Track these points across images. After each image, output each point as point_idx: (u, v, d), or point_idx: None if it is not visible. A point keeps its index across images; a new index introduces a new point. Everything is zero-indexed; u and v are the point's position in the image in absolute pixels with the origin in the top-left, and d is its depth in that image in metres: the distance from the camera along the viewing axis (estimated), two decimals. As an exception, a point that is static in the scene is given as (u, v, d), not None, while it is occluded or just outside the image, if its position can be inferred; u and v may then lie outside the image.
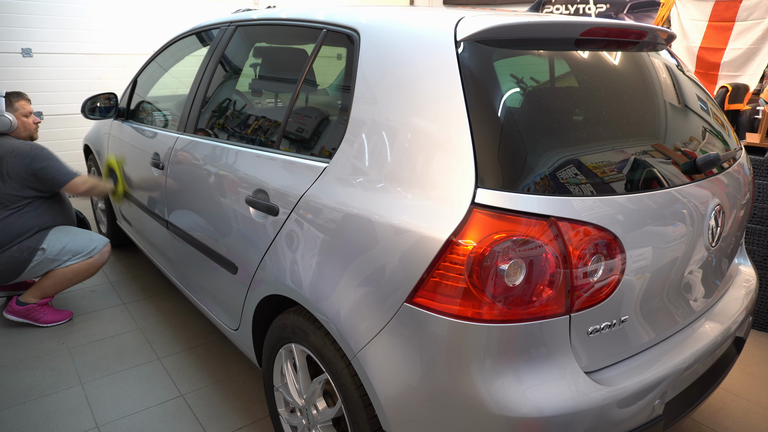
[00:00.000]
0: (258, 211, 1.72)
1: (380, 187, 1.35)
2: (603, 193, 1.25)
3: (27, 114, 2.71)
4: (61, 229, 2.75)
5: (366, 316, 1.32)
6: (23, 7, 4.86)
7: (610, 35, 1.54)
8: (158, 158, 2.43)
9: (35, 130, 2.79)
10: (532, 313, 1.16)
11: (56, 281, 2.70)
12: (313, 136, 1.68)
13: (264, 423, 2.09)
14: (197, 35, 2.57)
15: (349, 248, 1.37)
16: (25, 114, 2.70)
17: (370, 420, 1.39)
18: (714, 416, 2.17)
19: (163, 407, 2.18)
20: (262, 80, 2.28)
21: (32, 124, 2.75)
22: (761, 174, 2.80)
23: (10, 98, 2.66)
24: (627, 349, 1.35)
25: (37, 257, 2.62)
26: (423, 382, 1.23)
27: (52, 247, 2.64)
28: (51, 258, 2.64)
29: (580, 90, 1.47)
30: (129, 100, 3.08)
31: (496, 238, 1.14)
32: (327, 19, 1.71)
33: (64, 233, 2.72)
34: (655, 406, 1.34)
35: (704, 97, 1.82)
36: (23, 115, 2.69)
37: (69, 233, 2.74)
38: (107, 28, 5.30)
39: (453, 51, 1.30)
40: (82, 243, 2.72)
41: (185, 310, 2.98)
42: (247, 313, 1.85)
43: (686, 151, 1.53)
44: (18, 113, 2.67)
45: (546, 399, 1.17)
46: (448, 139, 1.24)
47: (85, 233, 2.78)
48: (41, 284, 2.72)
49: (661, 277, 1.36)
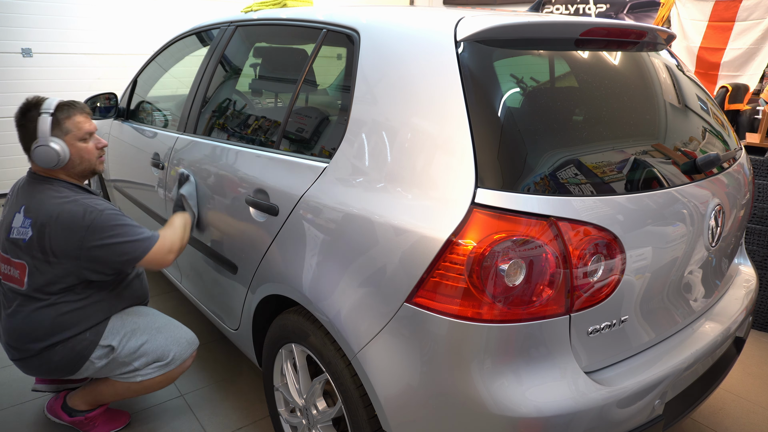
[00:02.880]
0: (258, 211, 1.72)
1: (380, 187, 1.35)
2: (603, 193, 1.25)
3: (85, 136, 1.77)
4: (140, 314, 1.92)
5: (366, 316, 1.32)
6: (23, 7, 4.86)
7: (610, 35, 1.54)
8: (158, 158, 2.43)
9: (99, 160, 1.85)
10: (532, 313, 1.16)
11: (118, 392, 1.91)
12: (313, 136, 1.68)
13: (264, 423, 2.09)
14: (197, 35, 2.57)
15: (349, 248, 1.37)
16: (82, 136, 1.76)
17: (370, 420, 1.39)
18: (714, 416, 2.17)
19: (163, 407, 2.18)
20: (262, 80, 2.28)
21: (93, 150, 1.81)
22: (761, 174, 2.80)
23: (58, 115, 1.71)
24: (627, 349, 1.35)
25: (101, 354, 1.80)
26: (423, 382, 1.23)
27: (124, 345, 1.81)
28: (120, 361, 1.82)
29: (580, 90, 1.47)
30: (129, 100, 3.08)
31: (496, 238, 1.14)
32: (327, 19, 1.71)
33: (143, 325, 1.88)
34: (655, 406, 1.34)
35: (704, 97, 1.82)
36: (79, 139, 1.76)
37: (149, 327, 1.88)
38: (107, 28, 5.30)
39: (453, 51, 1.30)
40: (165, 345, 1.87)
41: (185, 310, 2.98)
42: (248, 313, 1.85)
43: (686, 151, 1.53)
44: (71, 136, 1.74)
45: (546, 399, 1.17)
46: (448, 139, 1.24)
47: (170, 327, 1.93)
48: (98, 389, 1.94)
49: (661, 277, 1.36)
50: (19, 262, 1.71)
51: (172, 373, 1.90)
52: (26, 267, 1.70)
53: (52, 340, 1.75)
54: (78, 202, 1.68)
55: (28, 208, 1.70)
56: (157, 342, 1.86)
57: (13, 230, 1.71)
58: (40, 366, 1.81)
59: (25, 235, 1.68)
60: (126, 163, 2.94)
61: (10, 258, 1.73)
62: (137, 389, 1.90)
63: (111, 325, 1.84)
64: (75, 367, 1.80)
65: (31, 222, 1.67)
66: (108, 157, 3.14)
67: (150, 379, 1.86)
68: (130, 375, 1.86)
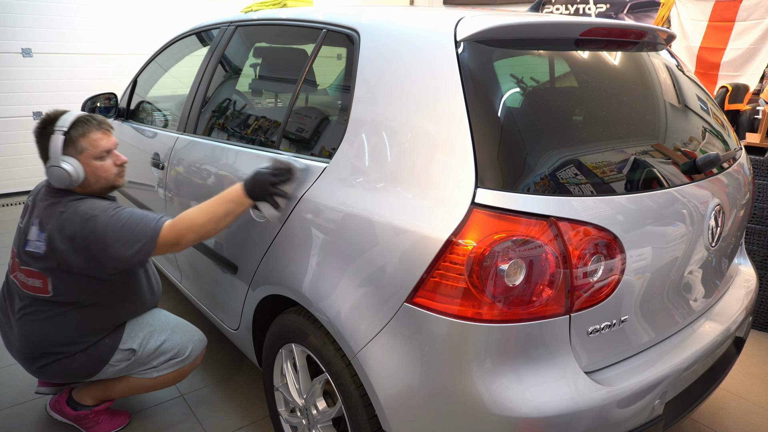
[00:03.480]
0: (258, 212, 1.71)
1: (380, 187, 1.35)
2: (603, 193, 1.25)
3: (102, 154, 1.71)
4: (154, 317, 1.96)
5: (366, 316, 1.32)
6: (23, 7, 4.86)
7: (610, 35, 1.54)
8: (158, 158, 2.43)
9: (118, 176, 1.79)
10: (532, 313, 1.16)
11: (131, 387, 1.94)
12: (313, 136, 1.68)
13: (264, 423, 2.09)
14: (197, 35, 2.57)
15: (349, 248, 1.37)
16: (99, 155, 1.70)
17: (370, 420, 1.39)
18: (714, 416, 2.17)
19: (163, 407, 2.18)
20: (262, 80, 2.28)
21: (111, 168, 1.74)
22: (761, 174, 2.80)
23: (72, 133, 1.65)
24: (627, 349, 1.35)
25: (122, 358, 1.85)
26: (423, 382, 1.23)
27: (144, 347, 1.87)
28: (141, 361, 1.88)
29: (580, 90, 1.47)
30: (129, 100, 3.08)
31: (496, 238, 1.14)
32: (327, 19, 1.71)
33: (159, 326, 1.93)
34: (655, 406, 1.34)
35: (704, 97, 1.82)
36: (95, 157, 1.69)
37: (165, 327, 1.94)
38: (107, 28, 5.31)
39: (453, 51, 1.30)
40: (182, 342, 1.93)
41: (185, 311, 2.98)
42: (248, 313, 1.85)
43: (686, 151, 1.53)
44: (85, 155, 1.68)
45: (546, 399, 1.17)
46: (448, 139, 1.24)
47: (183, 326, 1.99)
48: (110, 383, 1.95)
49: (661, 277, 1.36)
50: (39, 273, 1.73)
51: (185, 369, 1.97)
52: (47, 277, 1.72)
53: (72, 348, 1.78)
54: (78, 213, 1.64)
55: (42, 222, 1.71)
56: (174, 340, 1.92)
57: (29, 243, 1.72)
58: (58, 372, 1.82)
59: (39, 248, 1.69)
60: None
61: (31, 269, 1.74)
62: (151, 385, 1.94)
63: (128, 329, 1.87)
64: (94, 371, 1.84)
65: (45, 236, 1.68)
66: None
67: (165, 374, 1.92)
68: (147, 371, 1.91)
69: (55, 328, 1.76)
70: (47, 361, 1.80)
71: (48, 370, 1.82)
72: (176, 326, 1.97)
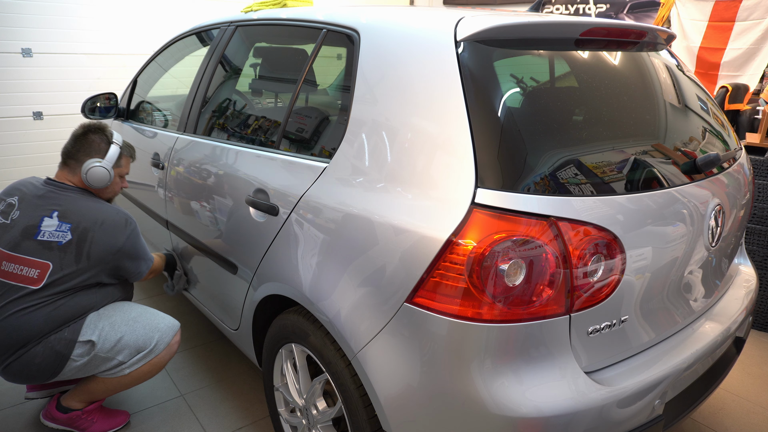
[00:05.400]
0: (258, 211, 1.72)
1: (380, 187, 1.35)
2: (603, 193, 1.25)
3: (124, 174, 2.12)
4: (115, 308, 1.94)
5: (366, 316, 1.32)
6: (23, 7, 4.86)
7: (610, 35, 1.54)
8: (158, 158, 2.43)
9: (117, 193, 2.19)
10: (532, 313, 1.16)
11: (109, 388, 1.96)
12: (313, 136, 1.68)
13: (264, 423, 2.09)
14: (197, 35, 2.57)
15: (349, 248, 1.37)
16: (123, 174, 2.11)
17: (370, 420, 1.39)
18: (714, 416, 2.17)
19: (163, 407, 2.18)
20: (262, 80, 2.28)
21: (119, 187, 2.14)
22: (761, 174, 2.80)
23: (123, 152, 2.05)
24: (627, 349, 1.35)
25: (82, 352, 1.83)
26: (423, 382, 1.23)
27: (104, 339, 1.84)
28: (102, 356, 1.84)
29: (580, 90, 1.47)
30: (129, 100, 3.08)
31: (496, 238, 1.14)
32: (327, 19, 1.71)
33: (119, 317, 1.90)
34: (655, 406, 1.34)
35: (704, 97, 1.82)
36: (120, 175, 2.09)
37: (126, 318, 1.91)
38: (107, 28, 5.30)
39: (453, 51, 1.30)
40: (144, 334, 1.90)
41: (185, 310, 2.98)
42: (248, 313, 1.85)
43: (686, 151, 1.53)
44: (118, 170, 2.05)
45: (546, 399, 1.17)
46: (448, 139, 1.24)
47: (147, 315, 1.96)
48: (89, 387, 1.97)
49: (661, 277, 1.36)
50: (44, 263, 1.79)
51: (158, 359, 1.94)
52: (50, 267, 1.79)
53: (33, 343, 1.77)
54: (117, 211, 1.93)
55: (65, 213, 1.85)
56: (136, 332, 1.89)
57: (43, 233, 1.81)
58: (22, 371, 1.80)
59: (62, 238, 1.81)
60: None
61: (32, 258, 1.78)
62: (128, 382, 1.93)
63: (89, 320, 1.86)
64: (57, 368, 1.82)
65: (71, 227, 1.83)
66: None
67: (137, 369, 1.90)
68: (118, 370, 1.88)
69: (27, 323, 1.76)
70: (10, 360, 1.78)
71: (11, 370, 1.80)
72: (138, 317, 1.93)
